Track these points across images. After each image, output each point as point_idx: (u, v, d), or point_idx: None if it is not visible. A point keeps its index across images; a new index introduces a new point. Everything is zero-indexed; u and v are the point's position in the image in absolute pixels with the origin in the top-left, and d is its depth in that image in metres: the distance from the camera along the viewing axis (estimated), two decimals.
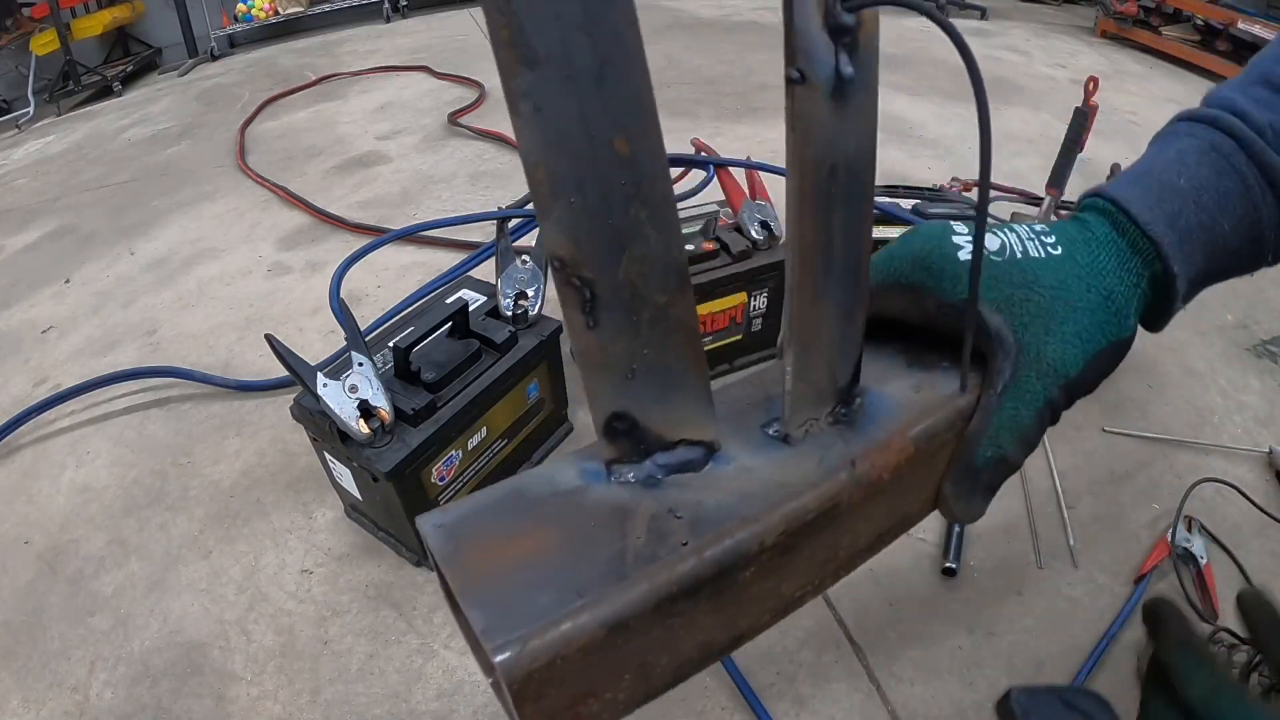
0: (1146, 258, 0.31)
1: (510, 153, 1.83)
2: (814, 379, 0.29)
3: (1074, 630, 0.75)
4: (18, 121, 2.52)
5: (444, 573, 0.25)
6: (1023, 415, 0.29)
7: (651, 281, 0.24)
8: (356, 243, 1.40)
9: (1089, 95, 1.05)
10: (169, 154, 2.05)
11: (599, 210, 0.22)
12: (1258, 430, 1.00)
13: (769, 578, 0.27)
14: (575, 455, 0.29)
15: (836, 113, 0.24)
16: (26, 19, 2.74)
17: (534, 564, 0.24)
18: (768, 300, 1.05)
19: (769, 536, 0.26)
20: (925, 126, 1.92)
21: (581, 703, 0.24)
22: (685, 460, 0.28)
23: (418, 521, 0.26)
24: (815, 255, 0.26)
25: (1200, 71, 2.58)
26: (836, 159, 0.25)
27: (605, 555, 0.25)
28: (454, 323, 0.83)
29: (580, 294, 0.23)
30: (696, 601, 0.25)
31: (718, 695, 0.70)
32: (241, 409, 1.08)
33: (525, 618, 0.23)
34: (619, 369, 0.25)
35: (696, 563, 0.25)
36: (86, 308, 1.36)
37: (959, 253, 0.31)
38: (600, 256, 0.23)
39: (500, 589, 0.24)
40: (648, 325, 0.25)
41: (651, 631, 0.25)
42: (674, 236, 0.24)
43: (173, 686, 0.74)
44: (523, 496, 0.27)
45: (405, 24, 3.28)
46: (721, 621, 0.27)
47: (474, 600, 0.23)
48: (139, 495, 0.95)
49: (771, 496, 0.27)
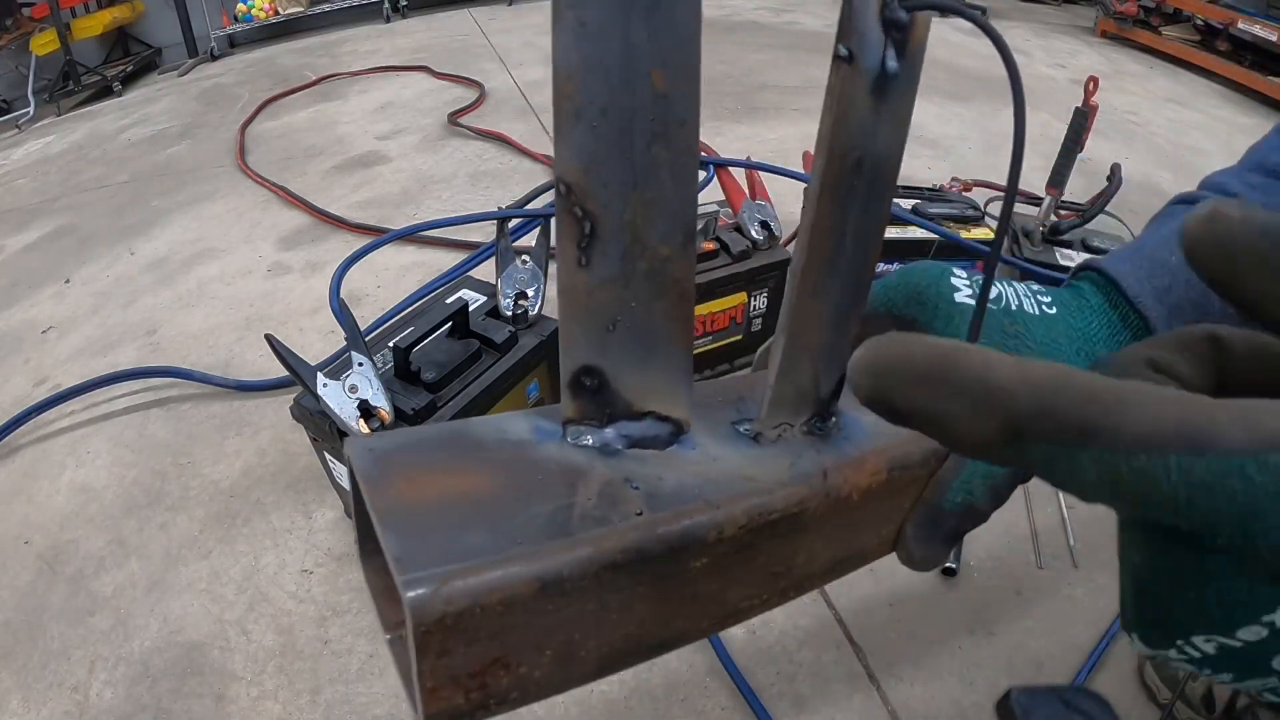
0: (1136, 332, 0.31)
1: (510, 153, 1.83)
2: (798, 380, 0.28)
3: (1074, 630, 0.75)
4: (18, 121, 2.52)
5: (364, 494, 0.22)
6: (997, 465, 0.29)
7: (656, 230, 0.23)
8: (356, 243, 1.40)
9: (1089, 95, 1.06)
10: (169, 154, 2.05)
11: (619, 141, 0.21)
12: None
13: (718, 576, 0.26)
14: (530, 412, 0.27)
15: (874, 105, 0.23)
16: (26, 19, 2.75)
17: (468, 504, 0.22)
18: (767, 300, 1.05)
19: (728, 527, 0.25)
20: (925, 126, 1.92)
21: (491, 671, 0.22)
22: (650, 434, 0.26)
23: (345, 444, 0.24)
24: (825, 244, 0.25)
25: (1200, 71, 2.58)
26: (865, 152, 0.24)
27: (549, 509, 0.23)
28: (454, 323, 0.83)
29: (579, 226, 0.22)
30: (639, 581, 0.24)
31: (718, 695, 0.70)
32: (241, 409, 1.08)
33: (449, 554, 0.21)
34: (601, 318, 0.24)
35: (648, 536, 0.23)
36: (86, 308, 1.36)
37: (955, 294, 0.31)
38: (609, 190, 0.22)
39: (426, 520, 0.22)
40: (642, 276, 0.23)
41: (585, 603, 0.23)
42: (689, 189, 0.23)
43: (173, 686, 0.74)
44: (466, 438, 0.25)
45: (405, 24, 3.28)
46: (659, 614, 0.25)
47: (393, 526, 0.21)
48: (139, 495, 0.95)
49: (736, 487, 0.25)
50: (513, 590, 0.21)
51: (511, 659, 0.22)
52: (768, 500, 0.26)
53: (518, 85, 2.30)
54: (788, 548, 0.27)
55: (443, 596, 0.20)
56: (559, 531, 0.22)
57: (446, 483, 0.23)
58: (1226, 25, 2.51)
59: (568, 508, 0.23)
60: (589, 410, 0.25)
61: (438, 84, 2.37)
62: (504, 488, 0.23)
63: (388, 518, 0.21)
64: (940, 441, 0.15)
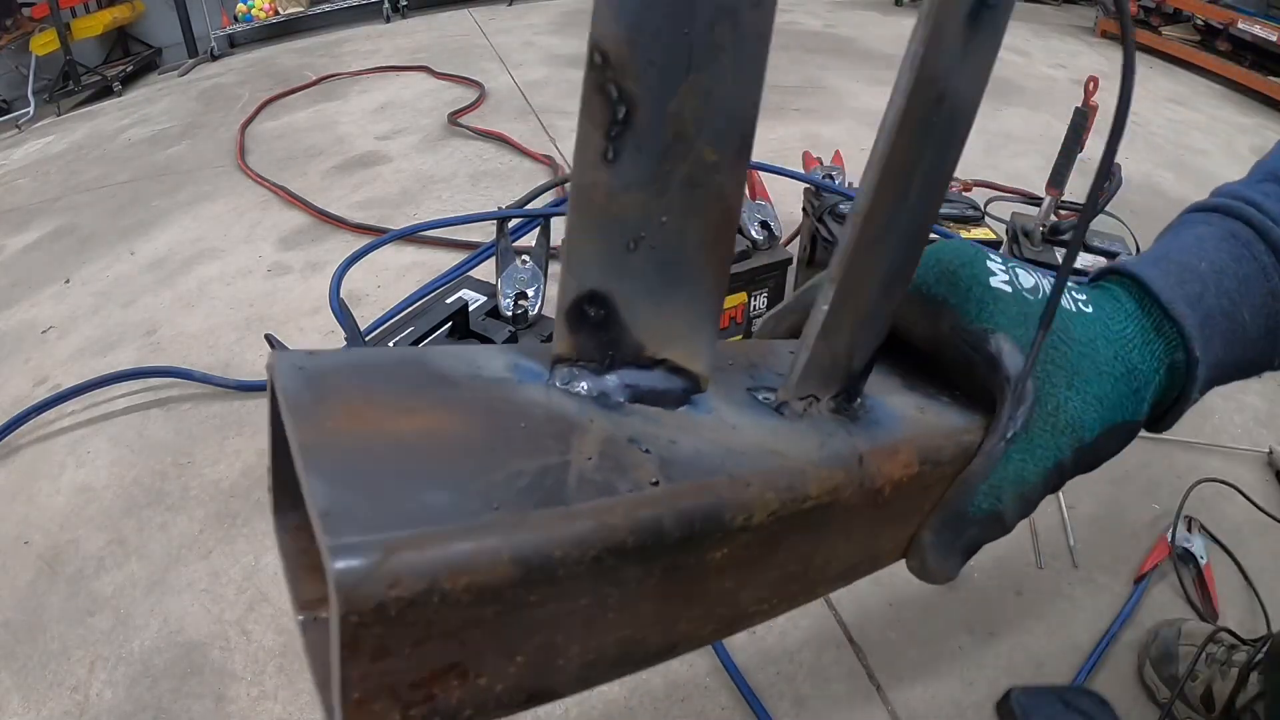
0: (1169, 343, 0.29)
1: (510, 153, 1.83)
2: (836, 345, 0.24)
3: (1074, 630, 0.75)
4: (18, 121, 2.52)
5: (288, 422, 0.17)
6: (1029, 471, 0.26)
7: (706, 128, 0.19)
8: (356, 243, 1.40)
9: (1089, 95, 1.06)
10: (169, 154, 2.05)
11: (678, 9, 0.17)
12: (1258, 430, 1.00)
13: (735, 572, 0.22)
14: (509, 347, 0.22)
15: (966, 36, 0.21)
16: (26, 19, 2.74)
17: (429, 451, 0.17)
18: (767, 300, 1.05)
19: (758, 511, 0.20)
20: None
21: (442, 680, 0.17)
22: (659, 389, 0.21)
23: (271, 360, 0.18)
24: (895, 185, 0.22)
25: (1200, 71, 2.58)
26: (948, 88, 0.21)
27: (535, 467, 0.18)
28: (454, 323, 0.83)
29: (611, 109, 0.18)
30: (648, 570, 0.19)
31: (718, 695, 0.70)
32: (241, 409, 1.08)
33: (400, 515, 0.15)
34: (621, 231, 0.19)
35: (667, 512, 0.19)
36: (86, 308, 1.36)
37: (991, 278, 0.28)
38: (656, 69, 0.17)
39: (369, 467, 0.16)
40: (680, 184, 0.19)
41: (577, 595, 0.18)
42: (752, 86, 0.19)
43: (173, 686, 0.74)
44: (427, 367, 0.20)
45: (405, 24, 3.28)
46: (661, 614, 0.21)
47: (323, 469, 0.16)
48: (139, 495, 0.95)
49: (764, 462, 0.21)
50: (486, 572, 0.16)
51: (471, 666, 0.17)
52: (802, 483, 0.22)
53: (518, 85, 2.30)
54: (811, 543, 0.24)
55: (386, 573, 0.15)
56: (550, 497, 0.17)
57: (400, 422, 0.18)
58: (1226, 25, 2.51)
59: (561, 467, 0.18)
60: (588, 348, 0.20)
61: (438, 84, 2.37)
62: (476, 434, 0.18)
63: (317, 457, 0.16)
64: None
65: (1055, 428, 0.27)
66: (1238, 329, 0.30)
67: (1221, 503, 0.88)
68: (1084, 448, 0.27)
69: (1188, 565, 0.81)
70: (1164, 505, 0.88)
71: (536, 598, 0.17)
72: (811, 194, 1.16)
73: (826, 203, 1.10)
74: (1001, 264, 0.29)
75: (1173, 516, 0.84)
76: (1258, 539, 0.85)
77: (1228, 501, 0.88)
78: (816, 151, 1.24)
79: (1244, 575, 0.81)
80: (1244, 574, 0.81)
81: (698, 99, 0.18)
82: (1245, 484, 0.89)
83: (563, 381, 0.21)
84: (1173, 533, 0.82)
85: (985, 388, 0.27)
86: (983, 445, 0.27)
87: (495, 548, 0.16)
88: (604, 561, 0.18)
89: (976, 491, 0.27)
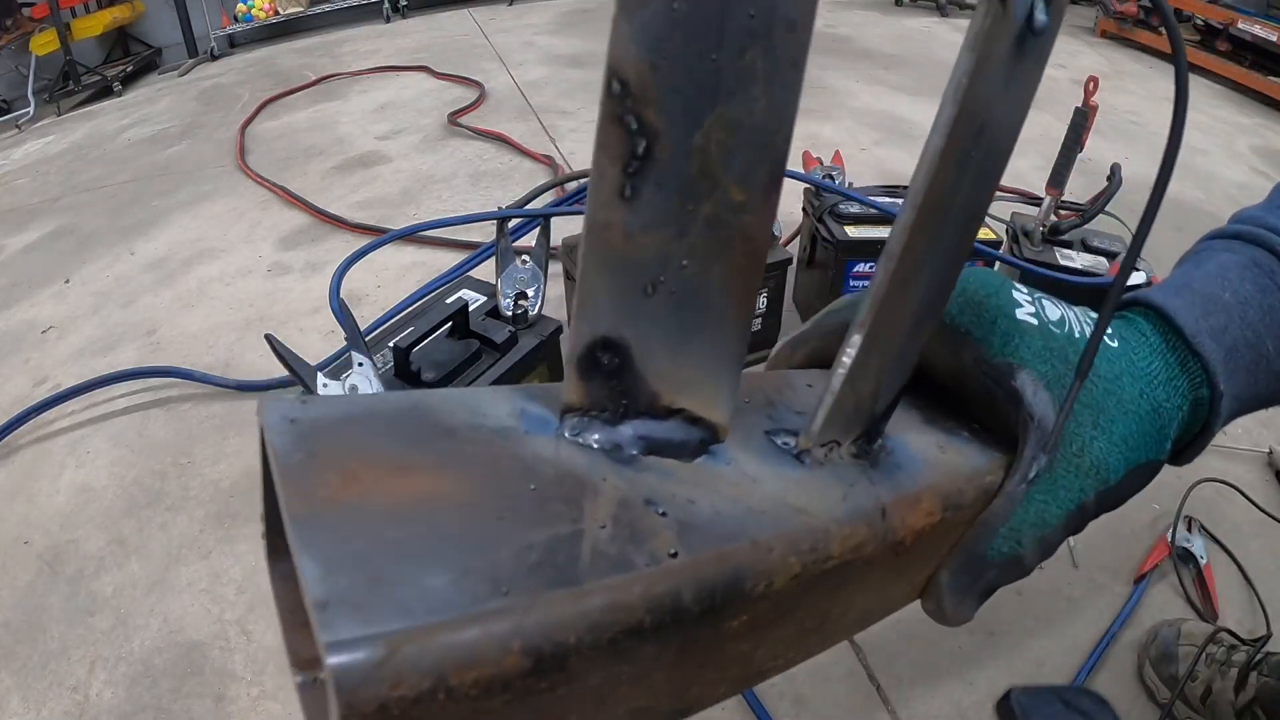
0: (1194, 380, 0.28)
1: (510, 153, 1.83)
2: (862, 389, 0.22)
3: (1074, 630, 0.75)
4: (18, 121, 2.52)
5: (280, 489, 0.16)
6: (1051, 514, 0.26)
7: (734, 164, 0.17)
8: (356, 243, 1.40)
9: (1089, 95, 1.05)
10: (169, 154, 2.05)
11: (705, 33, 0.15)
12: (1258, 430, 1.00)
13: (751, 636, 0.20)
14: (515, 390, 0.20)
15: (1010, 63, 0.19)
16: (26, 19, 2.74)
17: (431, 522, 0.16)
18: (767, 300, 1.05)
19: (779, 577, 0.19)
20: (925, 126, 1.91)
21: None
22: (675, 440, 0.20)
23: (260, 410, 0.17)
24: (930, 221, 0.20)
25: (1200, 71, 2.58)
26: (988, 120, 0.20)
27: (545, 538, 0.17)
28: (454, 323, 0.83)
29: (630, 141, 0.16)
30: (664, 648, 0.18)
31: None
32: (241, 409, 1.08)
33: (400, 603, 0.14)
34: (638, 274, 0.18)
35: (687, 588, 0.17)
36: (86, 308, 1.36)
37: (1017, 310, 0.27)
38: (680, 98, 0.16)
39: (367, 543, 0.15)
40: (704, 225, 0.18)
41: (589, 676, 0.17)
42: (785, 118, 0.17)
43: (173, 686, 0.74)
44: (428, 418, 0.18)
45: (405, 24, 3.28)
46: (675, 681, 0.20)
47: (317, 548, 0.14)
48: (139, 495, 0.95)
49: (786, 522, 0.20)
50: (495, 664, 0.15)
51: None
52: (825, 543, 0.21)
53: (518, 85, 2.30)
54: (830, 599, 0.23)
55: (389, 673, 0.14)
56: (562, 576, 0.16)
57: (399, 485, 0.16)
58: (1226, 25, 2.51)
59: (573, 538, 0.17)
60: (600, 397, 0.19)
61: (438, 84, 2.37)
62: (481, 500, 0.17)
63: (310, 534, 0.15)
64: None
65: (1080, 469, 0.26)
66: (1261, 360, 0.29)
67: (1221, 503, 0.88)
68: (1108, 490, 0.27)
69: (1188, 565, 0.81)
70: (1164, 505, 0.88)
71: (547, 684, 0.16)
72: (811, 194, 1.16)
73: (826, 203, 1.10)
74: (1028, 295, 0.28)
75: (1173, 516, 0.84)
76: (1258, 539, 0.85)
77: (1228, 501, 0.88)
78: (816, 151, 1.24)
79: (1244, 575, 0.81)
80: (1244, 574, 0.81)
81: (725, 132, 0.17)
82: (1245, 484, 0.89)
83: (572, 432, 0.19)
84: (1173, 533, 0.82)
85: (1006, 423, 0.26)
86: (1004, 486, 0.26)
87: (505, 638, 0.15)
88: (619, 643, 0.17)
89: (996, 534, 0.26)
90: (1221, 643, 0.69)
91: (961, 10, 3.18)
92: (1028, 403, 0.26)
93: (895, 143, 1.83)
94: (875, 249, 1.06)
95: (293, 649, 0.20)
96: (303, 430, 0.17)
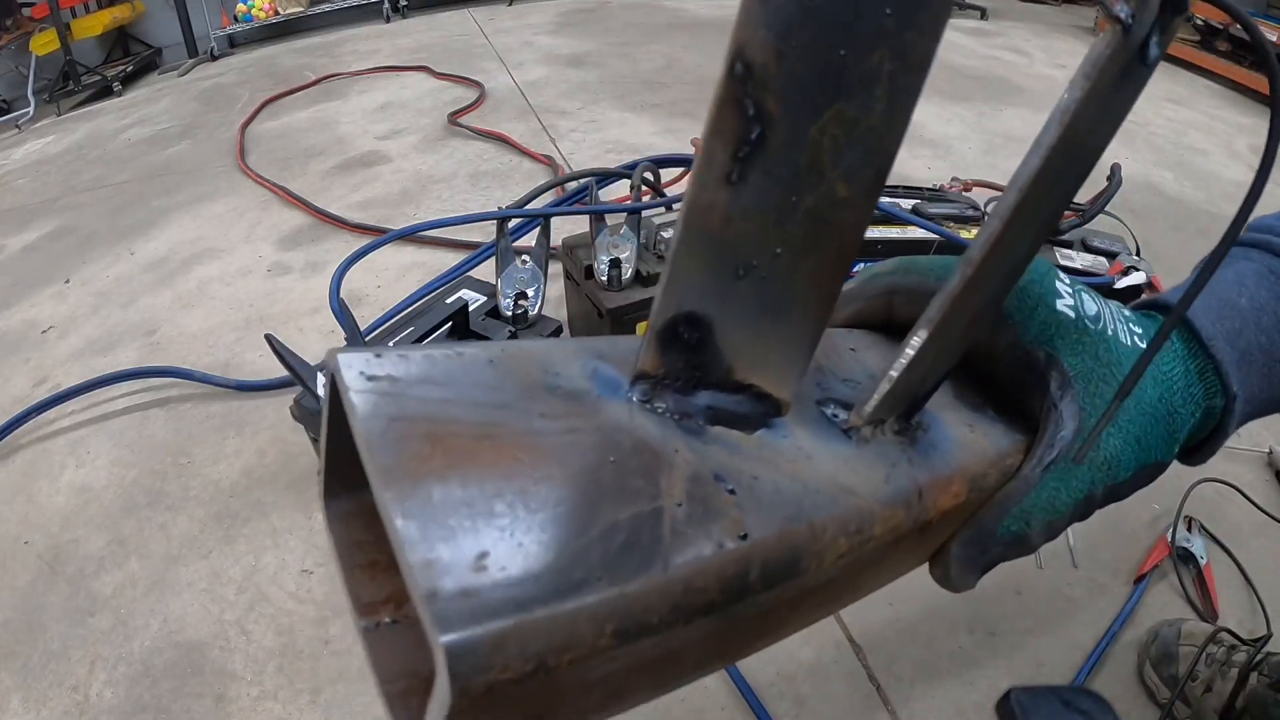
0: (1210, 389, 0.30)
1: (510, 153, 1.83)
2: (918, 376, 0.23)
3: (1074, 630, 0.75)
4: (18, 121, 2.52)
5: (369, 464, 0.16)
6: (1061, 501, 0.27)
7: (844, 160, 0.17)
8: (356, 243, 1.40)
9: None
10: (169, 154, 2.05)
11: (838, 28, 0.15)
12: (1258, 430, 1.00)
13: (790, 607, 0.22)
14: (583, 345, 0.21)
15: (1115, 90, 0.20)
16: (26, 19, 2.74)
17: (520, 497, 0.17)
18: None
19: (828, 558, 0.20)
20: (925, 126, 1.92)
21: None
22: (740, 412, 0.21)
23: (331, 362, 0.18)
24: (1015, 233, 0.21)
25: (1200, 71, 2.58)
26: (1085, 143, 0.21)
27: (629, 516, 0.17)
28: (454, 323, 0.83)
29: (745, 126, 0.16)
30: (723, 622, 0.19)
31: (717, 695, 0.70)
32: (241, 409, 1.08)
33: (506, 591, 0.15)
34: (732, 256, 0.18)
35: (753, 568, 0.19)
36: (86, 308, 1.36)
37: (1057, 301, 0.28)
38: (802, 90, 0.16)
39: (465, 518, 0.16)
40: (804, 216, 0.18)
41: (657, 645, 0.18)
42: (901, 121, 0.17)
43: (173, 686, 0.74)
44: (504, 376, 0.19)
45: (405, 24, 3.28)
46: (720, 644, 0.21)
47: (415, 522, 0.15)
48: (139, 495, 0.95)
49: (838, 504, 0.21)
50: (589, 648, 0.16)
51: (556, 712, 0.18)
52: (869, 526, 0.22)
53: (518, 85, 2.30)
54: (863, 574, 0.24)
55: (498, 660, 0.15)
56: (648, 559, 0.17)
57: (486, 455, 0.17)
58: (1226, 25, 2.51)
59: (654, 516, 0.18)
60: (675, 368, 0.20)
61: (438, 84, 2.37)
62: (565, 473, 0.18)
63: (408, 507, 0.15)
64: None
65: (1093, 462, 0.27)
66: (1275, 365, 0.30)
67: (1221, 503, 0.88)
68: (1116, 486, 0.28)
69: (1188, 565, 0.81)
70: (1164, 505, 0.88)
71: (623, 653, 0.17)
72: None
73: None
74: (1069, 287, 0.29)
75: (1173, 516, 0.84)
76: (1258, 539, 0.85)
77: (1228, 501, 0.88)
78: None
79: (1244, 575, 0.81)
80: (1244, 574, 0.81)
81: (841, 129, 0.17)
82: (1245, 484, 0.89)
83: (643, 397, 0.20)
84: (1173, 533, 0.82)
85: (1030, 407, 0.28)
86: (1021, 469, 0.27)
87: (600, 622, 0.16)
88: (692, 615, 0.18)
89: (1008, 514, 0.27)
90: (1222, 643, 0.69)
91: (961, 10, 3.18)
92: (1054, 394, 0.27)
93: None
94: (875, 249, 1.06)
95: (354, 593, 0.20)
96: (382, 390, 0.17)
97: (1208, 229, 1.52)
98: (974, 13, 3.15)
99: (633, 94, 2.19)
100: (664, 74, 2.35)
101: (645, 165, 1.08)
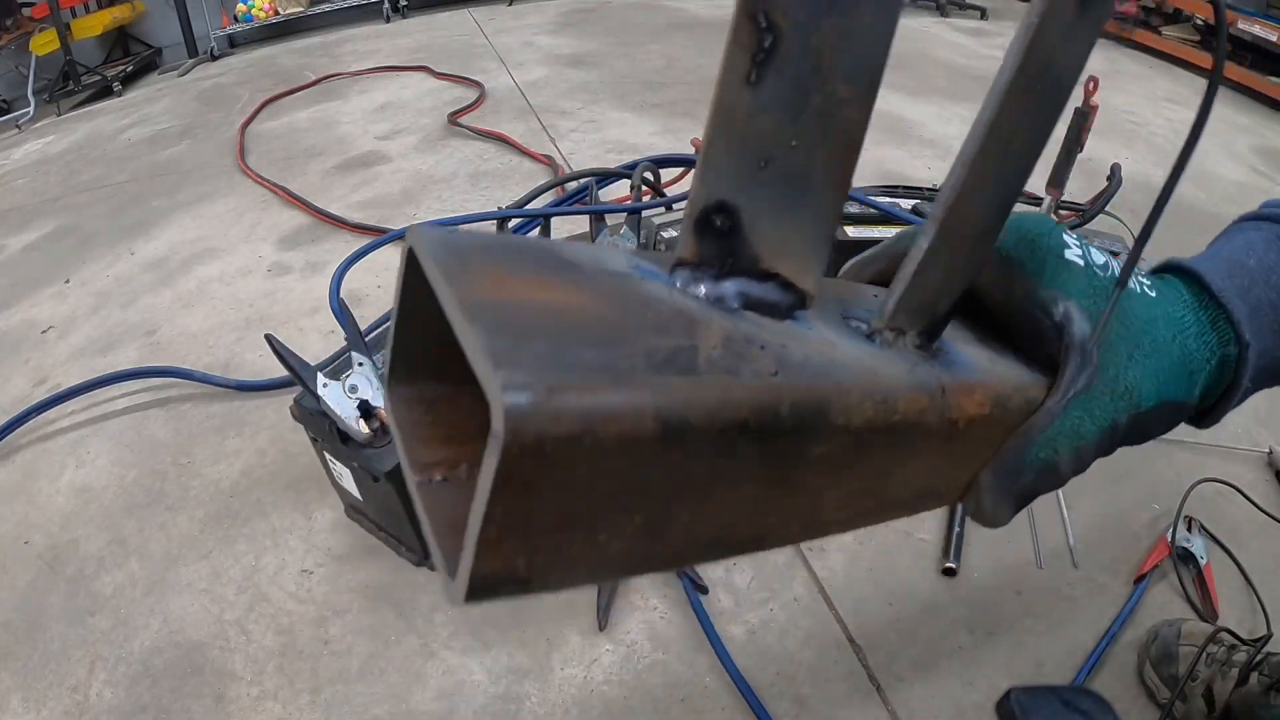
0: (1223, 337, 0.31)
1: (510, 153, 1.83)
2: (930, 282, 0.26)
3: (1074, 630, 0.75)
4: (18, 121, 2.52)
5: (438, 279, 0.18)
6: (1086, 427, 0.29)
7: (842, 65, 0.21)
8: (356, 243, 1.40)
9: (1089, 95, 1.05)
10: (169, 154, 2.05)
11: None
12: (1258, 430, 1.00)
13: (827, 472, 0.24)
14: (624, 250, 0.24)
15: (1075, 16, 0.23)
16: (26, 19, 2.75)
17: (571, 318, 0.19)
18: None
19: (856, 416, 0.23)
20: (925, 126, 1.92)
21: (566, 530, 0.19)
22: (769, 300, 0.23)
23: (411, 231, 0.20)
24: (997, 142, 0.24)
25: (1200, 71, 2.58)
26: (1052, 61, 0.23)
27: (670, 345, 0.19)
28: None
29: (759, 37, 0.20)
30: (760, 454, 0.21)
31: (718, 695, 0.70)
32: (241, 409, 1.08)
33: (558, 362, 0.17)
34: (755, 149, 0.21)
35: (784, 401, 0.21)
36: (86, 308, 1.36)
37: (1066, 251, 0.30)
38: (803, 5, 0.20)
39: (522, 322, 0.18)
40: (813, 113, 0.21)
41: (697, 463, 0.20)
42: (885, 34, 0.21)
43: (173, 686, 0.74)
44: (556, 255, 0.21)
45: (405, 24, 3.28)
46: (760, 501, 0.23)
47: (483, 318, 0.17)
48: (139, 495, 0.95)
49: (864, 376, 0.23)
50: (633, 423, 0.18)
51: (596, 520, 0.19)
52: (893, 399, 0.24)
53: (518, 85, 2.30)
54: (892, 460, 0.26)
55: (550, 411, 0.16)
56: (685, 367, 0.19)
57: (541, 293, 0.19)
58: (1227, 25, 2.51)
59: (690, 350, 0.20)
60: (710, 254, 0.22)
61: (438, 84, 2.37)
62: (610, 313, 0.20)
63: (475, 308, 0.17)
64: None
65: (1114, 392, 0.29)
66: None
67: (1221, 503, 0.88)
68: (1138, 414, 0.30)
69: (1188, 565, 0.81)
70: (1164, 505, 0.88)
71: (665, 458, 0.19)
72: None
73: None
74: (1076, 240, 0.31)
75: (1173, 516, 0.84)
76: (1258, 539, 0.85)
77: (1228, 501, 0.88)
78: None
79: (1244, 575, 0.81)
80: (1244, 574, 0.81)
81: (837, 36, 0.20)
82: (1245, 484, 0.89)
83: (681, 283, 0.22)
84: (1173, 533, 0.82)
85: (1050, 353, 0.29)
86: (1045, 402, 0.29)
87: (642, 403, 0.18)
88: (727, 434, 0.20)
89: (1035, 442, 0.29)
90: (1222, 643, 0.69)
91: (961, 10, 3.18)
92: (1071, 331, 0.29)
93: (894, 143, 1.83)
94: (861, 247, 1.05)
95: (412, 457, 0.23)
96: (452, 246, 0.20)
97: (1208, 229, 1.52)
98: (974, 13, 3.15)
99: (633, 94, 2.19)
100: (664, 74, 2.35)
101: (645, 165, 1.08)
